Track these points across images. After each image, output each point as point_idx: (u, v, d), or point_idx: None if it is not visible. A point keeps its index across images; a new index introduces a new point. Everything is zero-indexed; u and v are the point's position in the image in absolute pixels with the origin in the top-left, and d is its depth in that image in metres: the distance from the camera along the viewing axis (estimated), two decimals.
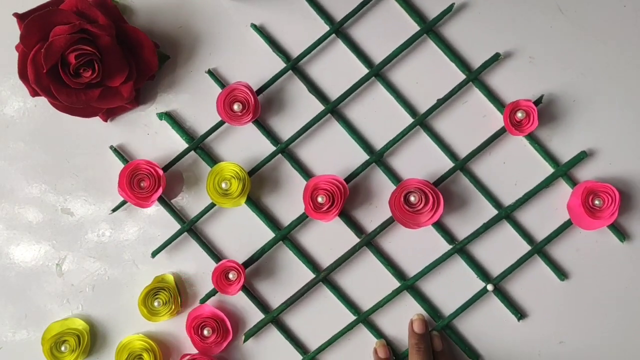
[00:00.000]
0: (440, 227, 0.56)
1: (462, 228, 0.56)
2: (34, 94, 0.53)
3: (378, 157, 0.56)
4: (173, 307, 0.56)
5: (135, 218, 0.58)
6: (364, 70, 0.56)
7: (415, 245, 0.56)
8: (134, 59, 0.54)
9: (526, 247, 0.56)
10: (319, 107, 0.57)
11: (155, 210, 0.58)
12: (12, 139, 0.58)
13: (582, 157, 0.55)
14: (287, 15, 0.57)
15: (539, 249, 0.56)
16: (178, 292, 0.57)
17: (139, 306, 0.56)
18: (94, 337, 0.58)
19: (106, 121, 0.57)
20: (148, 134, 0.58)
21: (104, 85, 0.53)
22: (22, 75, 0.52)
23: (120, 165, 0.57)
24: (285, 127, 0.57)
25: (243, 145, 0.57)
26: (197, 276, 0.58)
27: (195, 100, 0.57)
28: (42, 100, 0.57)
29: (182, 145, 0.57)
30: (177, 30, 0.57)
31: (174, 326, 0.58)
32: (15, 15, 0.52)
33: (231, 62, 0.57)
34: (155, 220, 0.58)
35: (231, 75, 0.57)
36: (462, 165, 0.56)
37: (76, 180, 0.58)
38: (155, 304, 0.56)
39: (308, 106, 0.57)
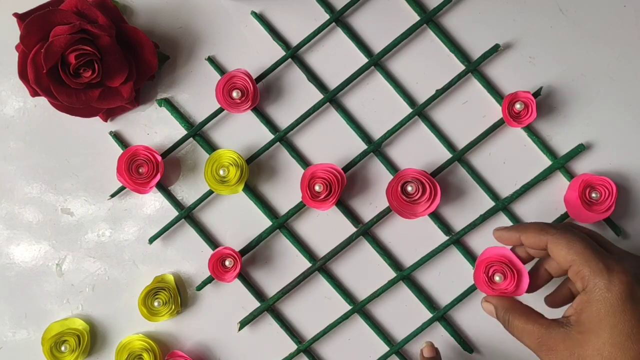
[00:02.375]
0: (437, 217, 0.58)
1: (459, 219, 0.58)
2: (34, 94, 0.53)
3: (376, 147, 0.58)
4: (173, 307, 0.57)
5: (135, 218, 0.58)
6: (363, 60, 0.58)
7: (412, 236, 0.58)
8: (134, 59, 0.55)
9: None
10: (318, 95, 0.58)
11: (155, 210, 0.58)
12: (12, 139, 0.59)
13: (580, 150, 0.56)
14: (287, 4, 0.58)
15: None
16: (178, 292, 0.57)
17: (139, 306, 0.57)
18: (94, 337, 0.59)
19: (106, 121, 0.58)
20: (148, 134, 0.58)
21: (104, 85, 0.54)
22: (22, 75, 0.53)
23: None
24: (284, 116, 0.58)
25: (241, 133, 0.59)
26: (197, 276, 0.59)
27: (195, 95, 0.59)
28: (42, 100, 0.57)
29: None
30: (177, 30, 0.58)
31: (174, 326, 0.59)
32: (15, 15, 0.53)
33: (230, 50, 0.59)
34: (155, 220, 0.58)
35: (230, 63, 0.59)
36: (460, 156, 0.58)
37: (76, 180, 0.59)
38: (155, 304, 0.57)
39: (307, 95, 0.58)
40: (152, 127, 0.59)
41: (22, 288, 0.59)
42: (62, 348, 0.57)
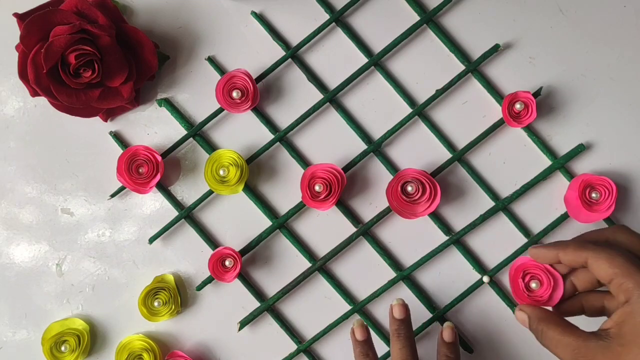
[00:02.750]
0: (437, 217, 0.58)
1: (458, 219, 0.58)
2: (34, 94, 0.54)
3: (376, 147, 0.58)
4: (173, 307, 0.57)
5: (135, 218, 0.59)
6: (363, 60, 0.58)
7: (412, 236, 0.58)
8: (134, 59, 0.55)
9: (523, 239, 0.58)
10: (318, 95, 0.58)
11: (155, 210, 0.59)
12: (12, 139, 0.59)
13: (580, 150, 0.56)
14: (287, 4, 0.59)
15: (536, 241, 0.58)
16: (178, 292, 0.57)
17: (139, 306, 0.57)
18: (94, 337, 0.59)
19: (106, 121, 0.58)
20: (148, 134, 0.59)
21: (104, 85, 0.54)
22: (22, 75, 0.53)
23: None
24: (284, 116, 0.59)
25: (241, 133, 0.59)
26: (197, 276, 0.59)
27: (195, 95, 0.59)
28: (42, 100, 0.57)
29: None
30: (177, 30, 0.58)
31: (174, 326, 0.59)
32: (15, 15, 0.53)
33: (230, 50, 0.59)
34: (155, 220, 0.59)
35: (230, 63, 0.59)
36: (460, 156, 0.58)
37: (76, 180, 0.59)
38: (155, 304, 0.57)
39: (307, 95, 0.58)
40: (152, 127, 0.59)
41: (22, 288, 0.59)
42: (62, 348, 0.57)
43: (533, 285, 0.50)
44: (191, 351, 0.59)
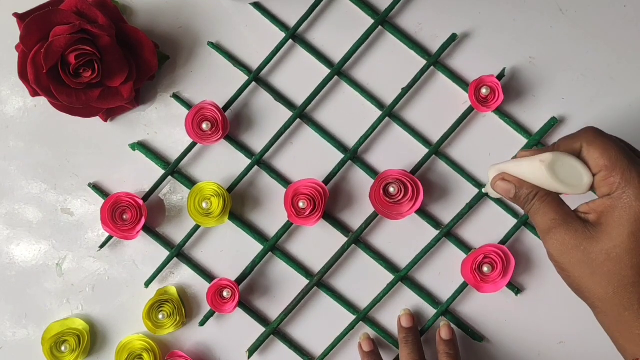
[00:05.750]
0: (424, 214, 0.59)
1: (446, 212, 0.59)
2: (34, 94, 0.54)
3: (353, 154, 0.58)
4: (178, 318, 0.57)
5: None
6: (325, 71, 0.58)
7: (403, 236, 0.59)
8: (134, 59, 0.55)
9: (513, 220, 0.58)
10: (288, 113, 0.58)
11: None
12: (12, 139, 0.59)
13: (553, 123, 0.57)
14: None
15: (525, 220, 0.58)
16: (182, 304, 0.57)
17: (144, 320, 0.58)
18: (94, 337, 0.59)
19: (106, 121, 0.58)
20: (148, 134, 0.59)
21: (104, 85, 0.54)
22: (22, 75, 0.53)
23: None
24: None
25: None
26: (198, 284, 0.60)
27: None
28: (42, 100, 0.57)
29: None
30: (177, 31, 0.58)
31: None
32: (15, 15, 0.53)
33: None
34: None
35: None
36: (436, 149, 0.58)
37: (76, 180, 0.59)
38: (160, 316, 0.57)
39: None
40: (152, 127, 0.59)
41: (23, 288, 0.60)
42: (62, 348, 0.57)
43: (485, 269, 0.55)
44: (191, 351, 0.59)
